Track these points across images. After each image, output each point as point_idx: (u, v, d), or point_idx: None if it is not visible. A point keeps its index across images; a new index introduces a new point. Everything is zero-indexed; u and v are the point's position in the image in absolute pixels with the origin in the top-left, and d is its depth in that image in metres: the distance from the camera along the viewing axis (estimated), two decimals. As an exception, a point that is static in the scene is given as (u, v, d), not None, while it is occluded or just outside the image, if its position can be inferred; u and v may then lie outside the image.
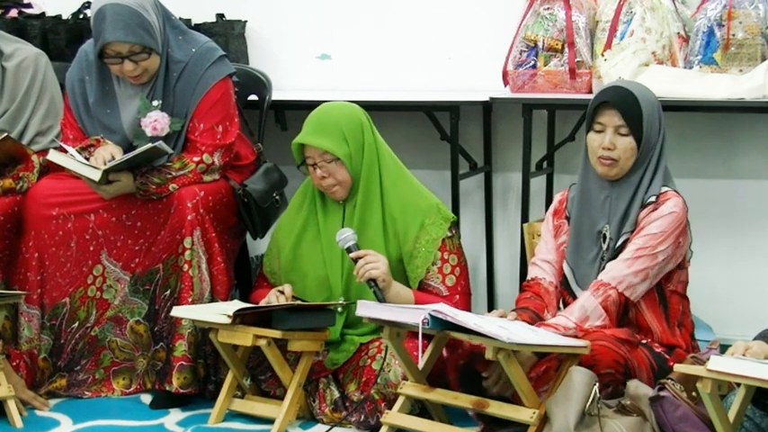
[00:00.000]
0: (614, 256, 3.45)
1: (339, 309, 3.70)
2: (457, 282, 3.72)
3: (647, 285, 3.44)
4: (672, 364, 3.27)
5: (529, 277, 3.65)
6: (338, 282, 3.74)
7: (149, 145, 3.88)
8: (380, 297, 3.54)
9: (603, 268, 3.45)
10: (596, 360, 3.24)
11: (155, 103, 4.00)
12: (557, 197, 3.70)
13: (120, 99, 4.05)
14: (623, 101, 3.44)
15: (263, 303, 3.66)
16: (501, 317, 3.39)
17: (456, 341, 3.34)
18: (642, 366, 3.35)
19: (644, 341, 3.45)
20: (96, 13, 3.89)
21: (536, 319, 3.49)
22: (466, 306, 3.68)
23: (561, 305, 3.61)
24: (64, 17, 4.79)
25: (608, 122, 3.45)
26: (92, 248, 3.96)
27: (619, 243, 3.45)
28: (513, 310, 3.52)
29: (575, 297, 3.51)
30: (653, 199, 3.44)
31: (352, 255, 3.61)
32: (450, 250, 3.72)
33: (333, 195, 3.76)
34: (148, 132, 3.95)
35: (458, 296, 3.69)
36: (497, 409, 3.29)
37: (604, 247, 3.48)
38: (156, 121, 3.97)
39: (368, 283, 3.57)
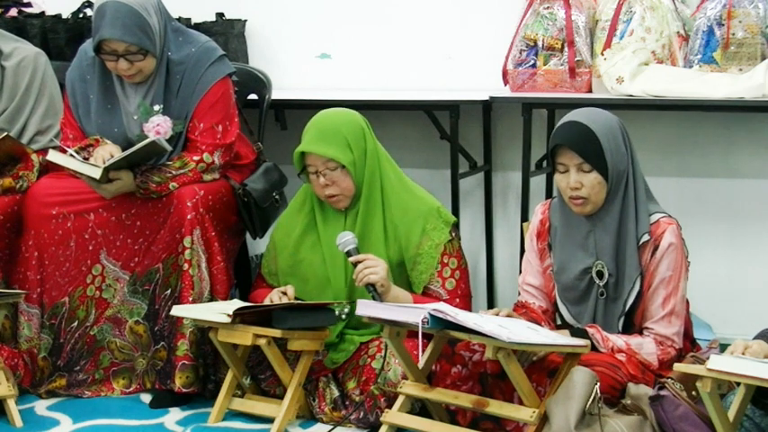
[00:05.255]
0: (618, 298, 3.38)
1: (343, 316, 3.69)
2: (457, 285, 3.71)
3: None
4: None
5: (519, 300, 3.61)
6: (342, 287, 3.73)
7: (148, 140, 3.88)
8: (379, 301, 3.53)
9: (607, 303, 3.40)
10: None
11: (156, 107, 4.00)
12: (537, 214, 3.59)
13: (121, 98, 4.05)
14: (577, 139, 3.30)
15: (265, 303, 3.66)
16: (494, 315, 3.38)
17: None
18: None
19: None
20: (98, 7, 3.89)
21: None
22: (466, 309, 3.66)
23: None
24: (64, 16, 4.79)
25: (568, 162, 3.33)
26: (91, 248, 3.96)
27: (635, 289, 3.36)
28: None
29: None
30: (646, 237, 3.35)
31: (351, 259, 3.60)
32: (450, 254, 3.71)
33: (335, 205, 3.74)
34: (152, 137, 3.95)
35: (458, 299, 3.68)
36: (497, 408, 3.29)
37: (601, 282, 3.41)
38: (159, 126, 3.97)
39: (367, 288, 3.56)
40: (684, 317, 3.44)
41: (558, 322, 3.58)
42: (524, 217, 4.19)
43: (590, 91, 4.29)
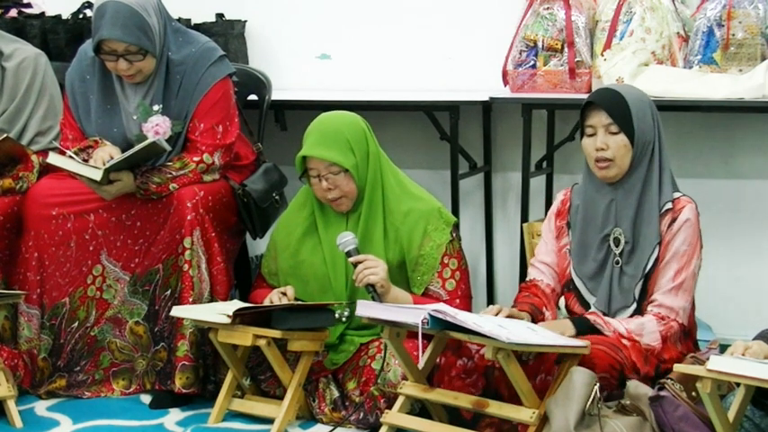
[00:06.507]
0: (635, 267, 3.42)
1: (344, 318, 3.69)
2: (457, 286, 3.71)
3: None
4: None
5: (527, 278, 3.64)
6: (342, 289, 3.73)
7: (149, 141, 3.88)
8: (379, 302, 3.53)
9: (622, 271, 3.43)
10: (593, 363, 3.23)
11: (155, 107, 4.00)
12: (559, 197, 3.67)
13: (121, 99, 4.05)
14: (608, 99, 3.43)
15: (264, 303, 3.66)
16: (497, 313, 3.38)
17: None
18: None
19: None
20: (98, 7, 3.89)
21: (537, 312, 3.49)
22: (466, 309, 3.66)
23: (565, 310, 3.61)
24: (64, 17, 4.79)
25: (597, 123, 3.43)
26: (91, 248, 3.97)
27: (653, 255, 3.41)
28: (513, 307, 3.51)
29: (588, 307, 3.51)
30: (669, 206, 3.43)
31: (351, 259, 3.60)
32: (451, 254, 3.71)
33: (337, 208, 3.73)
34: (151, 137, 3.95)
35: (458, 300, 3.68)
36: (497, 409, 3.29)
37: (617, 250, 3.46)
38: (158, 125, 3.97)
39: (366, 288, 3.56)
40: (692, 296, 3.47)
41: (564, 311, 3.58)
42: (524, 217, 4.19)
43: (590, 92, 4.26)
